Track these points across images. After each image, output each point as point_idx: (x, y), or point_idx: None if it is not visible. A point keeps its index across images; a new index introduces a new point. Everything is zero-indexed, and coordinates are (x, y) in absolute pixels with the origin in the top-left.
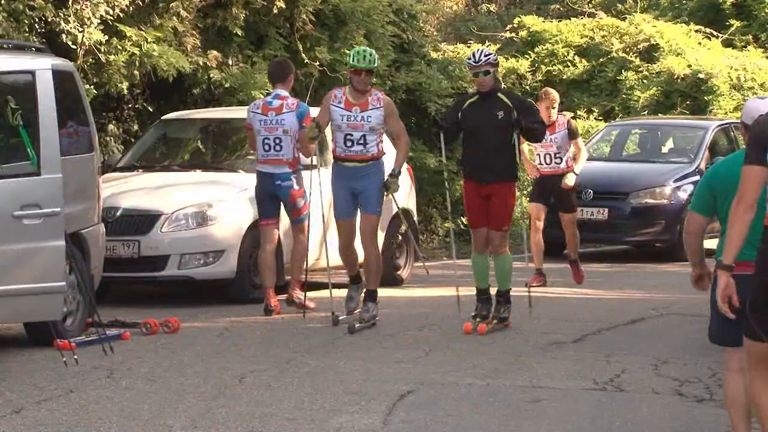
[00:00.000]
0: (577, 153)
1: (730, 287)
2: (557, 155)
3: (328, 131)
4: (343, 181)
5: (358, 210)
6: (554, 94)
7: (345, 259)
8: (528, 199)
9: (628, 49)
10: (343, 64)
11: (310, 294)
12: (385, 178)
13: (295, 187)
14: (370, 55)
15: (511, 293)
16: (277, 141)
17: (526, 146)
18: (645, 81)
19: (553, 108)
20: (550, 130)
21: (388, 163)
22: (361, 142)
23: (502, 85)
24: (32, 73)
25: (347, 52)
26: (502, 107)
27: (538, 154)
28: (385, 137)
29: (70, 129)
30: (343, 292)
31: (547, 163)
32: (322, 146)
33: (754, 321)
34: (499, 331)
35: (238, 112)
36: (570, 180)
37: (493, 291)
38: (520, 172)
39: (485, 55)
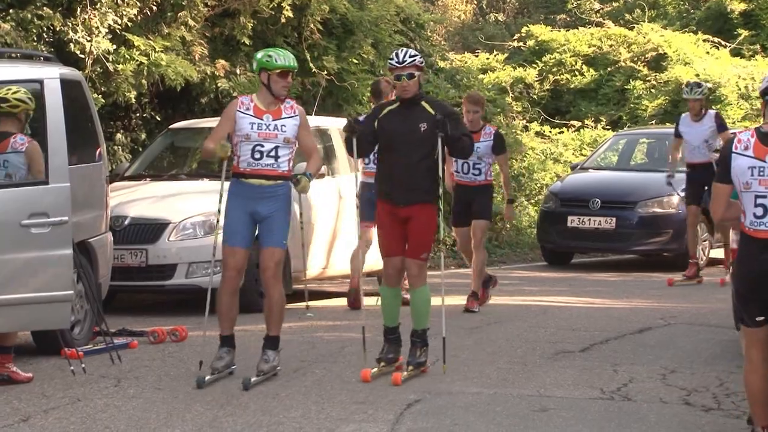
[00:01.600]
0: (502, 172)
1: None
2: (476, 166)
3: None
4: (243, 201)
5: (258, 240)
6: (479, 99)
7: (225, 309)
8: (452, 221)
9: (636, 59)
10: (255, 71)
11: (318, 303)
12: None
13: None
14: (289, 54)
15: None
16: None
17: None
18: (653, 90)
19: (476, 113)
20: (474, 137)
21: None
22: (273, 154)
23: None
24: (40, 82)
25: (355, 61)
26: (425, 118)
27: (456, 160)
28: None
29: (78, 138)
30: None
31: (464, 173)
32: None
33: (741, 308)
34: (506, 340)
35: None
36: (510, 214)
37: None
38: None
39: (410, 56)
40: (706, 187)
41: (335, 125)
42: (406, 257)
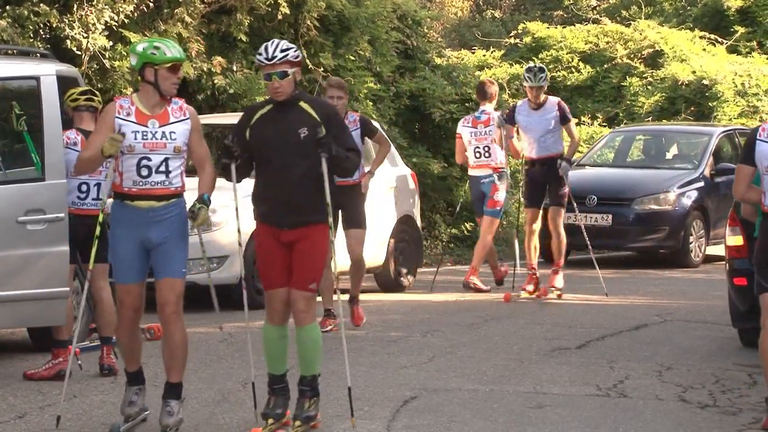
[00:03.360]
0: (380, 154)
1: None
2: None
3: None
4: (132, 228)
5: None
6: (343, 83)
7: (128, 349)
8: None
9: (632, 56)
10: (135, 67)
11: None
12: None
13: (496, 182)
14: (177, 44)
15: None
16: (486, 149)
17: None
18: (649, 87)
19: (341, 99)
20: None
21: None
22: (163, 169)
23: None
24: (37, 78)
25: (352, 58)
26: (305, 121)
27: None
28: None
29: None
30: (345, 297)
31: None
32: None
33: (760, 276)
34: (502, 337)
35: None
36: (365, 186)
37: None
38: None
39: (282, 50)
40: (548, 186)
41: None
42: (292, 288)
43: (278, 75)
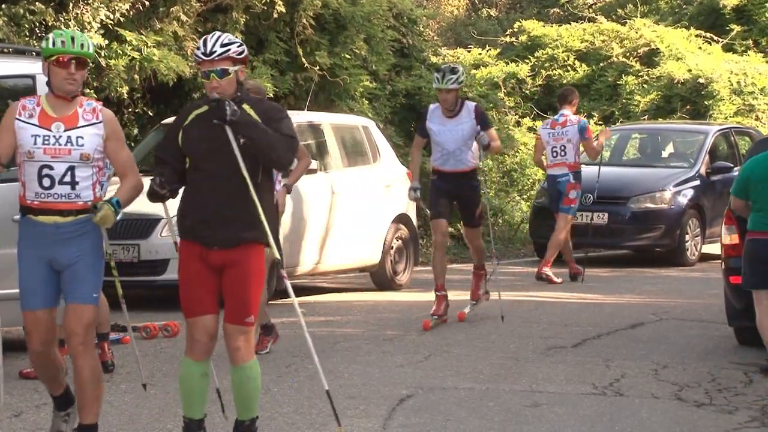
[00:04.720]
0: (299, 162)
1: None
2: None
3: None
4: (38, 248)
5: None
6: (259, 88)
7: (45, 374)
8: None
9: (628, 54)
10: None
11: (310, 299)
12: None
13: (572, 181)
14: (82, 37)
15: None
16: (562, 148)
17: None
18: (645, 86)
19: None
20: None
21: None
22: (68, 180)
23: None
24: (32, 77)
25: (347, 56)
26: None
27: None
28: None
29: None
30: (341, 296)
31: None
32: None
33: (752, 277)
34: (499, 336)
35: None
36: (282, 205)
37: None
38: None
39: (223, 45)
40: (458, 202)
41: (328, 120)
42: (225, 323)
43: (217, 73)
